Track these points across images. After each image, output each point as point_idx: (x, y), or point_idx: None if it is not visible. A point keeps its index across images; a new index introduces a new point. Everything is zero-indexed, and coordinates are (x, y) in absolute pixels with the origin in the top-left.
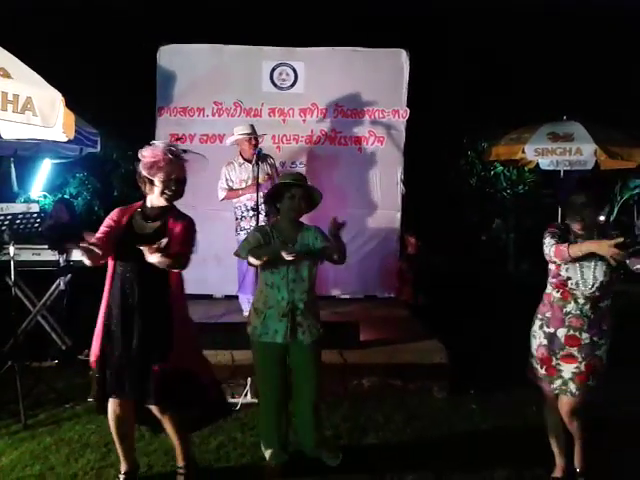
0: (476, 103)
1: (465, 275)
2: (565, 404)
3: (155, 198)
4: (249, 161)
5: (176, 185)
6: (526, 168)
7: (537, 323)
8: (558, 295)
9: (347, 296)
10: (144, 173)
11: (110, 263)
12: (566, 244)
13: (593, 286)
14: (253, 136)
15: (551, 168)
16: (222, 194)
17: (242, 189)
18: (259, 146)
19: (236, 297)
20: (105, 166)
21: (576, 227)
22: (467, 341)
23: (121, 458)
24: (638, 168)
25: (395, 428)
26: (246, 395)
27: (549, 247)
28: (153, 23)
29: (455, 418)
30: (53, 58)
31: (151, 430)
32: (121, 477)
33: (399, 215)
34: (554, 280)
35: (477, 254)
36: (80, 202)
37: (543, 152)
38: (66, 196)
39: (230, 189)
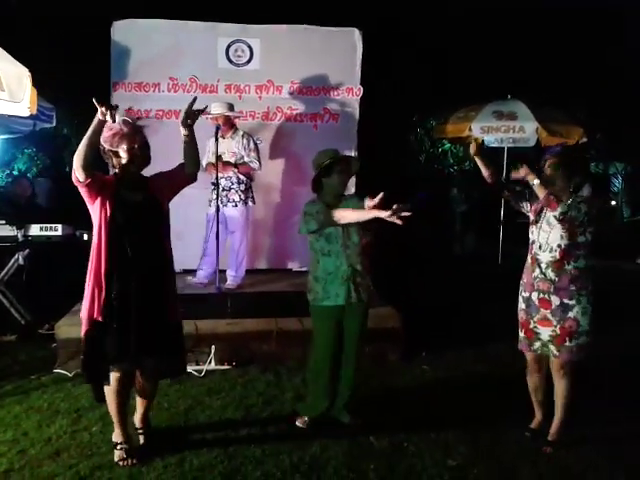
0: (427, 82)
1: (418, 246)
2: (552, 363)
3: (125, 168)
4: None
5: (141, 151)
6: None
7: (520, 289)
8: (530, 260)
9: (305, 269)
10: (107, 147)
11: (98, 237)
12: None
13: (552, 250)
14: (231, 114)
15: (496, 145)
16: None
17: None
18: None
19: (195, 271)
20: (56, 141)
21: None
22: (419, 308)
23: (118, 429)
24: (576, 144)
25: None
26: (210, 362)
27: None
28: None
29: (407, 378)
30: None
31: None
32: (120, 447)
33: (354, 190)
34: (529, 246)
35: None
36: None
37: (489, 130)
38: (15, 172)
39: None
